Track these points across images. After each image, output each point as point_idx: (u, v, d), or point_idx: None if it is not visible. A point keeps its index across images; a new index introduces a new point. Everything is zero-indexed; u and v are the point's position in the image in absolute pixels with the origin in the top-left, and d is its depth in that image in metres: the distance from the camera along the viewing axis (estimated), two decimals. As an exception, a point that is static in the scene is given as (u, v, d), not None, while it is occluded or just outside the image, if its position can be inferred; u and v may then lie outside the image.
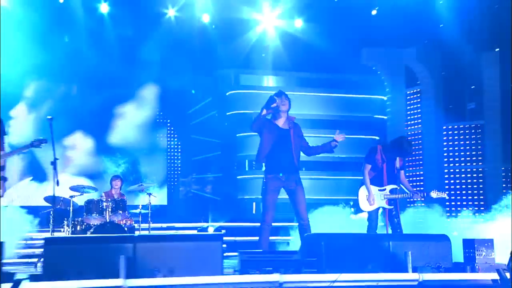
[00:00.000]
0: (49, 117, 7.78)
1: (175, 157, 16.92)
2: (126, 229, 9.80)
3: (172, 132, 16.78)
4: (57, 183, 7.50)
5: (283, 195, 7.63)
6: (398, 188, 8.57)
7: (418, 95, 16.18)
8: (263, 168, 7.96)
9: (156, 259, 5.89)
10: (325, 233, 7.29)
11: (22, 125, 14.53)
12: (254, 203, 15.73)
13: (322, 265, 6.31)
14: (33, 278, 5.94)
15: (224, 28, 15.02)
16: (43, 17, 13.48)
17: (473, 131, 15.24)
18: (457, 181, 15.04)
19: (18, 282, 5.22)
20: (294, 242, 9.64)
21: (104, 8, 14.52)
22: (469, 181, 14.83)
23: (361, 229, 8.54)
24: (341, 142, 7.68)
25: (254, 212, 15.65)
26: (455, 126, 15.41)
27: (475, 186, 14.85)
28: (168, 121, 16.71)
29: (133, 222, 10.26)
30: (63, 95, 15.17)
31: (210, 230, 12.83)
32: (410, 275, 6.23)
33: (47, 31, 13.60)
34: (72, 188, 10.02)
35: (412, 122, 16.37)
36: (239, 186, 15.92)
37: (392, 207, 8.58)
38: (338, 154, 15.46)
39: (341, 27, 14.64)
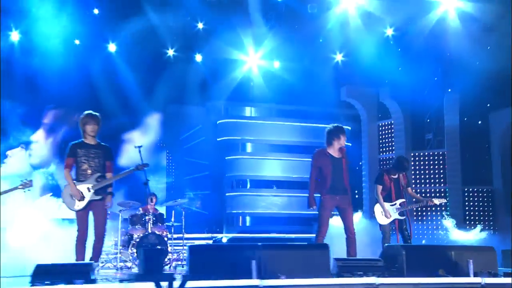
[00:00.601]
0: (138, 145, 9.05)
1: (173, 177, 18.19)
2: (166, 239, 10.88)
3: (169, 154, 18.15)
4: (151, 200, 8.86)
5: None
6: (406, 201, 9.63)
7: (391, 126, 17.27)
8: (248, 186, 9.44)
9: (278, 263, 6.54)
10: (404, 244, 8.51)
11: (41, 148, 15.61)
12: (240, 217, 17.10)
13: (403, 271, 7.08)
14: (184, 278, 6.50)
15: (215, 66, 16.61)
16: (60, 54, 14.98)
17: (436, 157, 16.48)
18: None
19: (185, 280, 5.81)
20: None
21: (112, 47, 16.01)
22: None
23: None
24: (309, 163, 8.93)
25: (240, 224, 17.01)
26: (421, 153, 16.70)
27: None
28: (163, 144, 17.91)
29: (167, 233, 11.21)
30: (77, 122, 16.51)
31: (224, 240, 13.92)
32: (474, 279, 6.84)
33: (64, 65, 14.95)
34: (120, 204, 11.12)
35: (385, 149, 17.49)
36: (227, 202, 17.02)
37: (404, 217, 9.55)
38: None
39: (319, 69, 16.50)
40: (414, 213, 15.25)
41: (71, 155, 8.01)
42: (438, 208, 14.51)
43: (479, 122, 15.85)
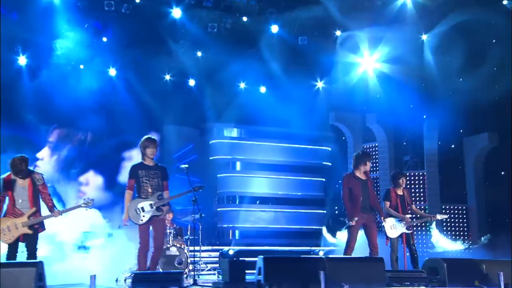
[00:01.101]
0: (185, 166, 9.62)
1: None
2: (186, 251, 11.52)
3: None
4: (201, 216, 9.58)
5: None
6: (412, 216, 10.20)
7: (376, 148, 18.09)
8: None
9: (342, 274, 7.21)
10: (444, 258, 8.73)
11: (46, 165, 16.12)
12: (230, 231, 17.83)
13: (445, 282, 7.73)
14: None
15: (210, 90, 17.37)
16: (66, 78, 15.79)
17: (416, 178, 17.35)
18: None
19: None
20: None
21: (112, 72, 16.74)
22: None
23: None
24: (298, 182, 9.83)
25: (230, 237, 17.68)
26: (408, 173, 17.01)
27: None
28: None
29: (185, 245, 11.78)
30: (80, 140, 17.05)
31: (231, 252, 14.18)
32: None
33: (69, 88, 15.65)
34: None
35: (371, 169, 18.32)
36: (218, 216, 17.73)
37: (411, 231, 10.10)
38: (295, 192, 18.52)
39: (305, 94, 17.65)
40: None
41: (132, 177, 8.52)
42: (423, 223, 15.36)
43: (452, 146, 16.95)
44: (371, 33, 15.48)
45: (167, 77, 17.47)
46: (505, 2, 13.93)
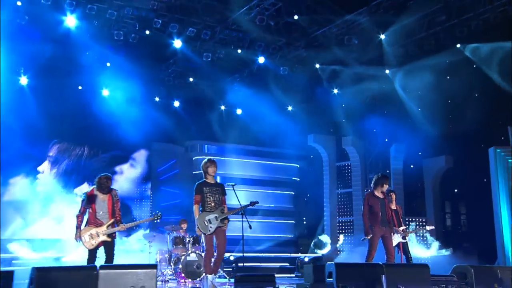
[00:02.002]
0: (233, 184, 9.97)
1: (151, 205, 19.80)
2: (202, 256, 11.83)
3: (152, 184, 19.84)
4: (250, 227, 9.65)
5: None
6: (407, 227, 11.11)
7: (349, 167, 19.46)
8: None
9: (398, 277, 8.04)
10: (471, 265, 9.23)
11: (46, 178, 17.39)
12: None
13: (472, 285, 8.58)
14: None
15: (193, 111, 19.14)
16: (64, 97, 16.92)
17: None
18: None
19: None
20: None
21: (105, 92, 17.91)
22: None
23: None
24: (270, 194, 10.78)
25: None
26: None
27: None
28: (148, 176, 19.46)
29: (200, 252, 12.34)
30: (77, 155, 18.09)
31: (231, 258, 15.45)
32: None
33: (68, 107, 16.82)
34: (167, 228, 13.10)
35: (343, 187, 19.66)
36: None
37: (406, 241, 11.00)
38: (268, 204, 20.13)
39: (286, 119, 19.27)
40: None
41: (198, 193, 9.16)
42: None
43: (411, 166, 18.57)
44: (347, 67, 17.41)
45: (157, 98, 18.89)
46: (458, 46, 15.96)
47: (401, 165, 18.32)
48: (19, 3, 13.83)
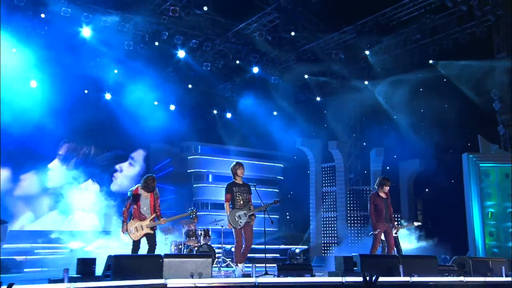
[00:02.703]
0: (254, 184, 10.54)
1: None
2: (213, 248, 13.12)
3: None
4: (272, 222, 9.94)
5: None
6: (399, 223, 12.43)
7: (334, 168, 20.31)
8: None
9: (412, 267, 8.87)
10: (469, 256, 10.60)
11: (56, 174, 18.17)
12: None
13: (470, 272, 9.56)
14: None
15: (188, 113, 20.26)
16: (73, 100, 17.40)
17: (364, 192, 19.71)
18: (358, 220, 19.64)
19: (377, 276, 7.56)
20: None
21: (108, 96, 18.90)
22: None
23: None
24: (261, 192, 10.31)
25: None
26: (354, 188, 20.00)
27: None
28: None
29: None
30: (84, 154, 19.04)
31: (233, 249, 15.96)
32: (506, 278, 9.38)
33: (76, 109, 17.41)
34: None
35: (328, 185, 20.54)
36: None
37: (397, 235, 12.04)
38: (254, 200, 21.13)
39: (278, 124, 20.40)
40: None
41: (229, 192, 10.09)
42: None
43: (387, 167, 19.84)
44: (334, 78, 18.88)
45: (155, 103, 19.82)
46: (430, 62, 17.31)
47: (380, 167, 19.36)
48: (42, 15, 14.89)
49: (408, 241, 14.33)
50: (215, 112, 21.31)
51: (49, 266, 14.07)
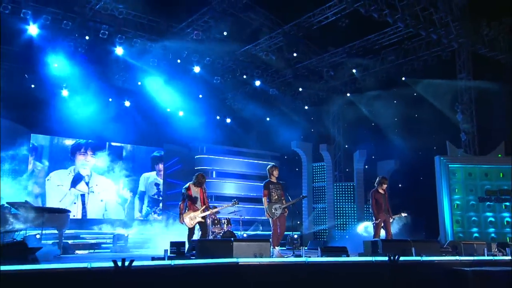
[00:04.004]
0: (282, 182, 11.42)
1: (161, 193, 22.70)
2: (235, 234, 13.93)
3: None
4: (298, 213, 10.57)
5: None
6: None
7: (323, 167, 22.06)
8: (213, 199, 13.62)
9: (420, 248, 9.94)
10: (461, 241, 11.67)
11: (87, 170, 20.39)
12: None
13: (461, 252, 10.90)
14: None
15: (193, 117, 21.85)
16: (98, 107, 19.06)
17: (348, 187, 21.24)
18: (343, 210, 21.22)
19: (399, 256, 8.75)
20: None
21: (127, 103, 20.87)
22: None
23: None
24: (253, 186, 12.95)
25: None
26: (340, 184, 21.54)
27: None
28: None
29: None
30: (106, 154, 21.04)
31: (244, 235, 17.18)
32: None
33: (100, 114, 18.87)
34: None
35: (317, 181, 22.23)
36: None
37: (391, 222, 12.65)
38: (251, 193, 23.18)
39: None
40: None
41: (266, 188, 11.12)
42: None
43: (366, 166, 21.56)
44: (324, 92, 21.17)
45: (168, 110, 21.73)
46: (403, 79, 19.48)
47: (362, 166, 21.21)
48: (87, 37, 16.92)
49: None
50: (217, 118, 23.34)
51: (95, 248, 15.93)
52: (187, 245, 10.16)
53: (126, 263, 7.18)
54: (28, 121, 19.16)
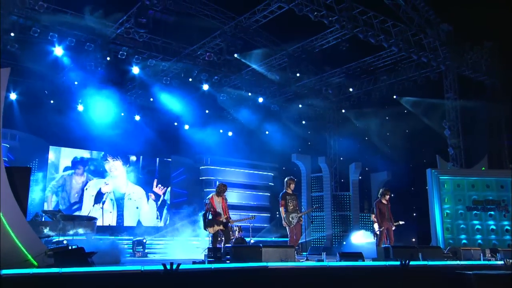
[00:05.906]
0: (295, 193, 11.89)
1: (168, 202, 23.02)
2: (245, 240, 14.15)
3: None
4: (312, 223, 11.32)
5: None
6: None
7: (321, 178, 22.31)
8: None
9: (427, 254, 10.33)
10: (462, 247, 12.59)
11: (111, 179, 20.98)
12: None
13: (461, 257, 11.38)
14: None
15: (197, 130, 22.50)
16: (112, 121, 20.21)
17: (344, 197, 21.60)
18: (340, 218, 21.52)
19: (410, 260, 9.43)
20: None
21: (137, 117, 21.47)
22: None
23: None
24: (254, 195, 13.79)
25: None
26: (337, 194, 21.91)
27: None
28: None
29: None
30: (132, 163, 21.79)
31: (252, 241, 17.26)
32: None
33: (115, 128, 19.81)
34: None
35: (316, 191, 22.47)
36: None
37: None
38: (252, 202, 23.99)
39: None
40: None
41: (283, 199, 11.63)
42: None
43: (360, 177, 22.22)
44: (321, 108, 21.92)
45: (175, 123, 22.42)
46: (395, 97, 20.23)
47: (357, 177, 21.69)
48: (108, 58, 17.56)
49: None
50: (220, 131, 23.81)
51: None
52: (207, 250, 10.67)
53: (174, 267, 7.76)
54: (46, 134, 19.74)
